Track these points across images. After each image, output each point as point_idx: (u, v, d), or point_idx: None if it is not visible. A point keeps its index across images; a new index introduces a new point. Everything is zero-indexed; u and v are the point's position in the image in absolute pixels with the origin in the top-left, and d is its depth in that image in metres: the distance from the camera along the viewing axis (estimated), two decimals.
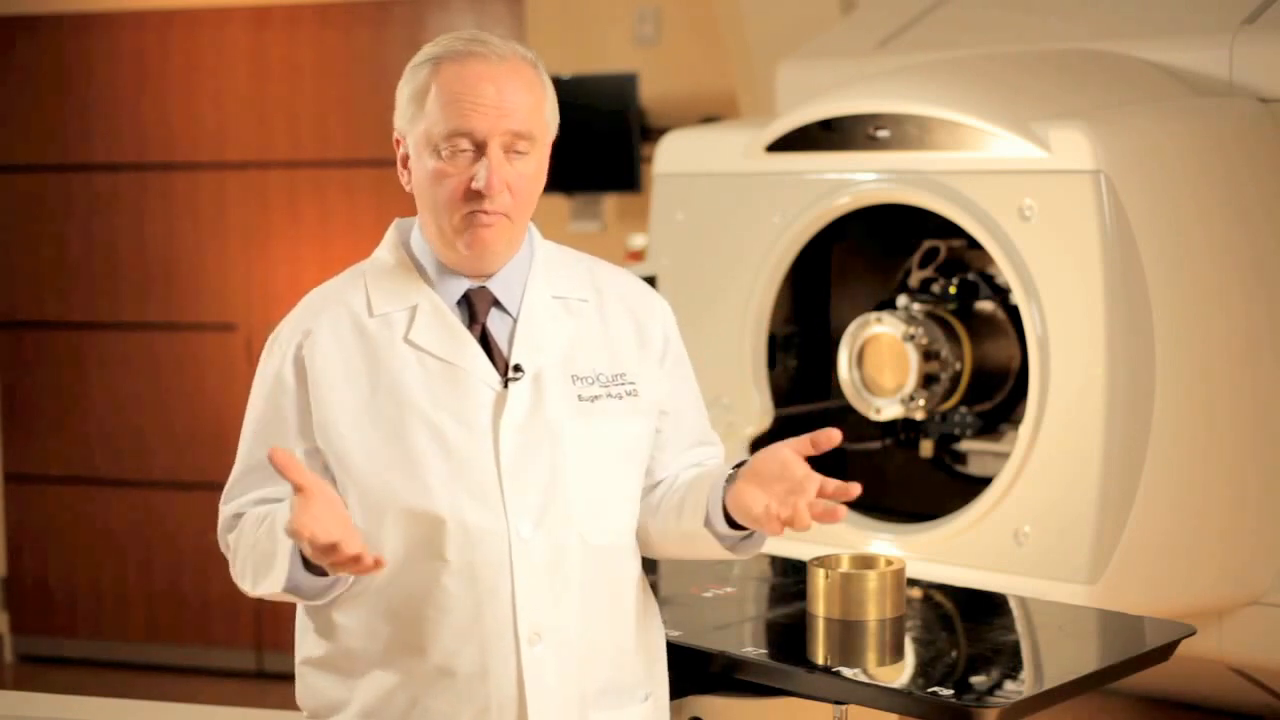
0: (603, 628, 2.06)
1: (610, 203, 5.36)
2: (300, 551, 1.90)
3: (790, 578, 2.80)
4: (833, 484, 1.93)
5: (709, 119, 4.94)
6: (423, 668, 2.00)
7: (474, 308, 2.04)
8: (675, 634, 2.40)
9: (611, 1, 5.35)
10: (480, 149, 1.97)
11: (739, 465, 2.03)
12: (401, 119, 2.04)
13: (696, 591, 2.67)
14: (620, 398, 2.07)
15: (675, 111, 5.14)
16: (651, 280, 3.59)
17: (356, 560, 1.82)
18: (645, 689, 2.13)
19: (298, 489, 1.84)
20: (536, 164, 2.03)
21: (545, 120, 2.03)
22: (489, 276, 2.06)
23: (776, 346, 3.50)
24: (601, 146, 5.13)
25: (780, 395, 3.48)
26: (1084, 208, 2.89)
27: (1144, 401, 2.90)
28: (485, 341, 2.03)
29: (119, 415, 5.87)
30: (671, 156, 3.64)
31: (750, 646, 2.39)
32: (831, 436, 1.91)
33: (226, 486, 2.09)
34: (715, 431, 2.27)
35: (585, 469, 2.03)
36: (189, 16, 5.71)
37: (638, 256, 4.67)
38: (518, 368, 2.02)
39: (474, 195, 1.97)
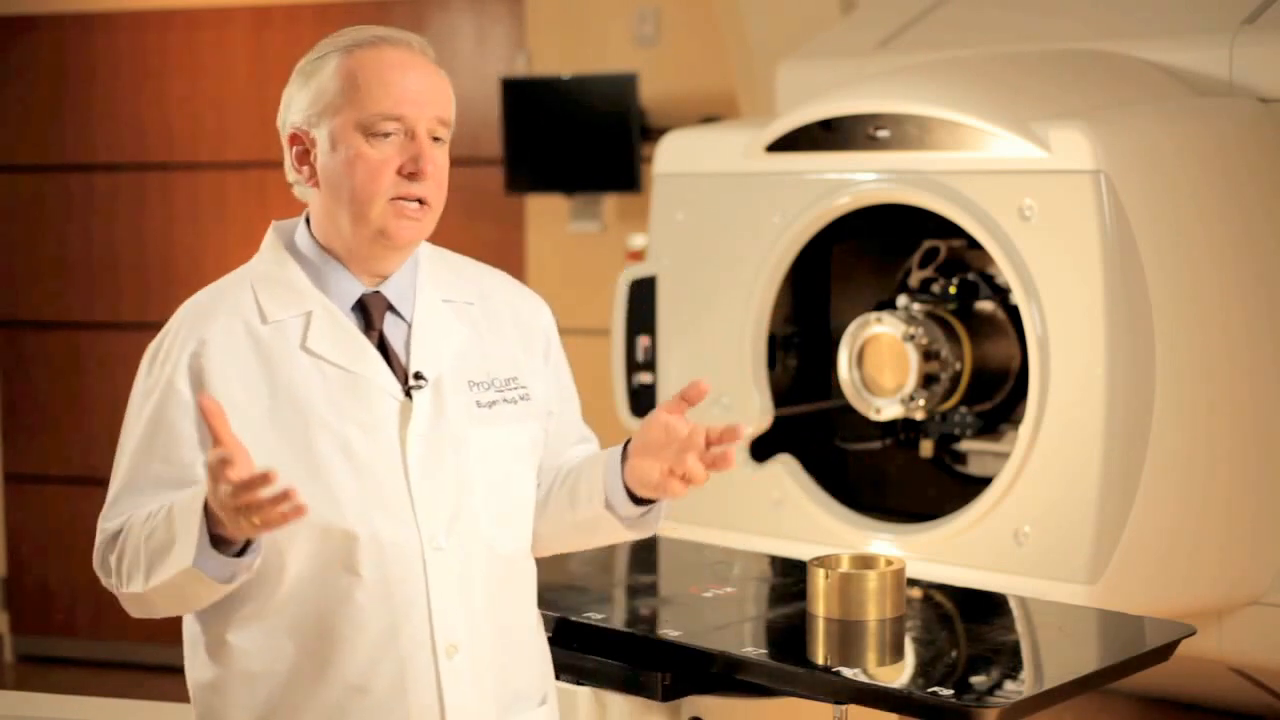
0: (511, 635, 2.05)
1: (610, 203, 5.36)
2: (208, 531, 1.79)
3: (790, 578, 2.80)
4: (717, 429, 1.91)
5: (709, 119, 4.94)
6: (334, 687, 1.93)
7: (369, 313, 2.00)
8: (675, 634, 2.41)
9: (611, 1, 5.35)
10: (410, 135, 1.95)
11: (626, 444, 2.02)
12: (298, 111, 2.03)
13: (696, 591, 2.68)
14: (515, 402, 2.05)
15: (675, 111, 5.14)
16: (652, 280, 3.60)
17: (285, 497, 1.69)
18: (541, 692, 2.12)
19: (218, 440, 1.73)
20: (447, 151, 2.02)
21: (453, 111, 2.03)
22: (383, 280, 2.01)
23: (776, 346, 3.50)
24: (601, 146, 5.13)
25: (780, 395, 3.48)
26: (1084, 208, 2.89)
27: (1144, 402, 2.90)
28: (383, 348, 1.99)
29: (119, 415, 5.82)
30: (671, 156, 3.64)
31: (750, 646, 2.39)
32: (699, 388, 1.91)
33: (106, 506, 2.00)
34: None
35: (489, 477, 2.01)
36: (189, 16, 5.71)
37: (638, 256, 4.67)
38: (419, 375, 1.98)
39: (405, 178, 1.94)
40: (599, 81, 5.11)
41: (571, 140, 5.16)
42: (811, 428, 3.56)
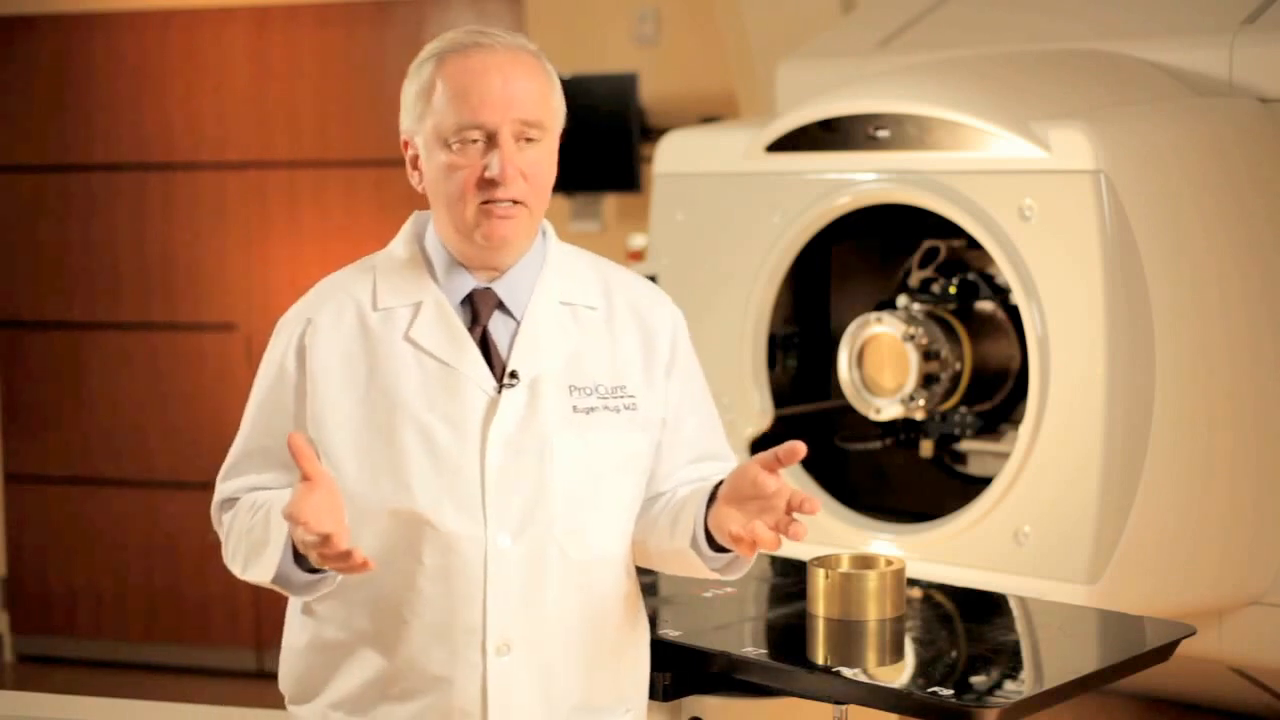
0: (579, 642, 2.04)
1: (610, 203, 5.36)
2: (292, 544, 1.90)
3: (790, 578, 2.80)
4: (798, 498, 1.88)
5: (709, 119, 4.94)
6: (393, 666, 2.00)
7: (477, 309, 2.03)
8: (675, 634, 2.40)
9: (611, 1, 5.35)
10: (491, 139, 1.97)
11: (718, 485, 2.00)
12: (408, 119, 2.04)
13: (696, 591, 2.67)
14: (618, 410, 2.05)
15: (675, 111, 5.14)
16: (652, 280, 3.59)
17: (346, 556, 1.81)
18: (625, 706, 2.11)
19: (305, 477, 1.83)
20: (547, 152, 2.03)
21: (553, 108, 2.04)
22: (499, 274, 2.04)
23: (776, 346, 3.50)
24: (601, 146, 5.13)
25: (780, 395, 3.48)
26: (1084, 208, 2.89)
27: (1144, 401, 2.90)
28: (485, 344, 2.02)
29: (119, 415, 5.87)
30: (671, 156, 3.64)
31: (750, 646, 2.39)
32: (795, 450, 1.87)
33: (225, 465, 2.09)
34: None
35: (573, 482, 2.01)
36: (189, 16, 5.71)
37: (638, 256, 4.67)
38: (514, 374, 2.00)
39: (487, 185, 1.97)
40: (599, 81, 5.11)
41: (571, 140, 5.14)
42: (811, 428, 3.56)
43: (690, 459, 2.15)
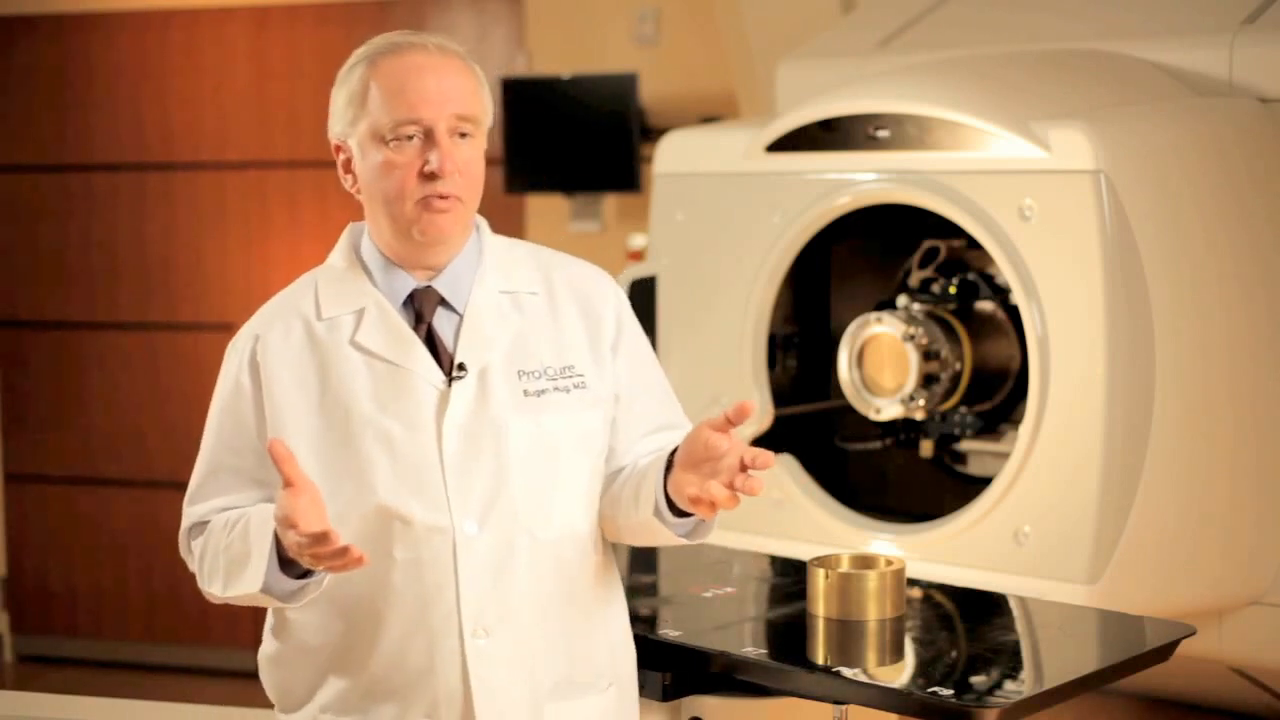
0: (556, 621, 2.08)
1: (610, 203, 5.36)
2: (276, 552, 1.93)
3: (790, 578, 2.80)
4: (750, 453, 1.91)
5: (709, 119, 4.94)
6: (375, 663, 2.03)
7: (420, 308, 2.07)
8: (675, 634, 2.41)
9: (611, 1, 5.35)
10: (428, 136, 2.01)
11: (674, 452, 2.02)
12: (339, 123, 2.07)
13: (696, 591, 2.68)
14: (568, 390, 2.08)
15: (675, 111, 5.14)
16: (651, 280, 3.60)
17: (342, 553, 1.84)
18: (607, 679, 2.14)
19: (288, 483, 1.86)
20: (479, 149, 2.07)
21: (484, 105, 2.08)
22: (436, 273, 2.08)
23: (776, 346, 3.50)
24: (601, 146, 5.13)
25: (780, 395, 3.48)
26: (1084, 208, 2.89)
27: (1144, 401, 2.90)
28: (431, 341, 2.05)
29: (119, 415, 5.87)
30: (671, 156, 3.64)
31: (750, 646, 2.39)
32: (744, 410, 1.90)
33: (190, 490, 2.11)
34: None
35: (531, 464, 2.04)
36: (189, 16, 5.71)
37: (638, 256, 4.67)
38: (461, 366, 2.04)
39: (427, 179, 2.00)
40: (599, 81, 5.11)
41: (571, 140, 5.16)
42: (811, 428, 3.56)
43: (647, 431, 2.17)
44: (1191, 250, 2.98)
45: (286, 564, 1.95)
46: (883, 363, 3.27)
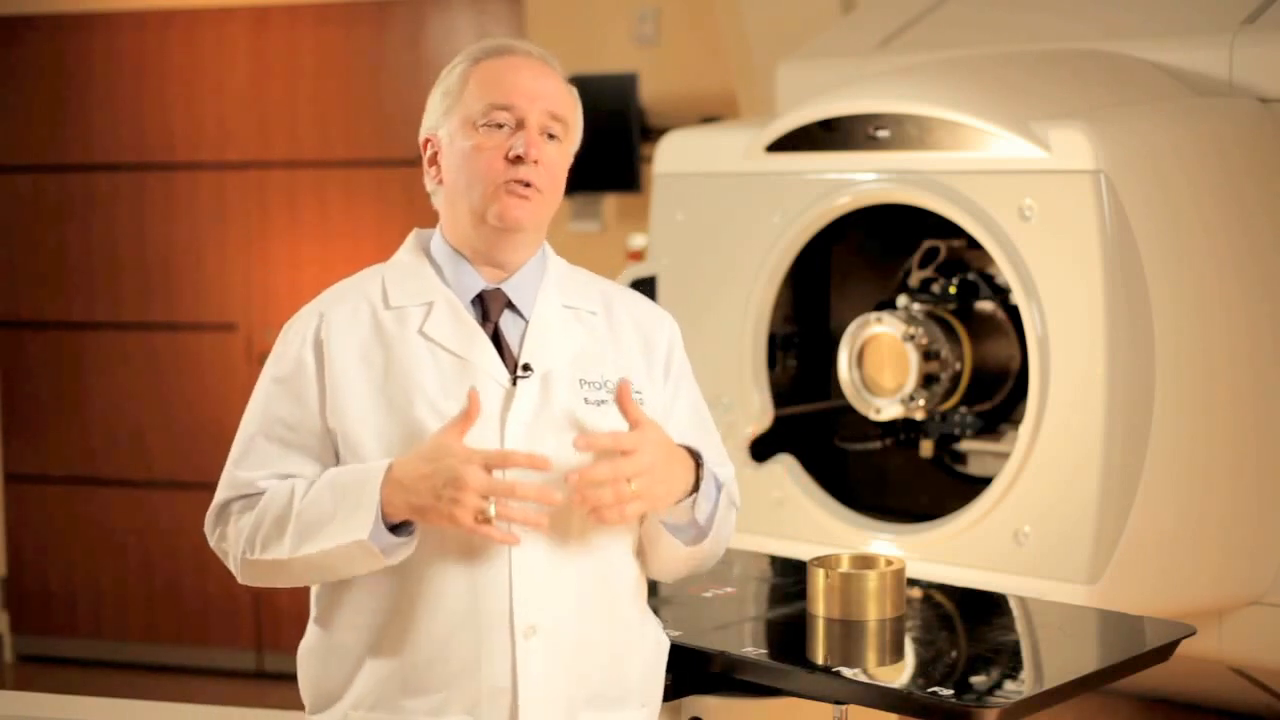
0: (597, 629, 2.07)
1: (610, 203, 5.36)
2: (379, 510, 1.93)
3: (790, 578, 2.80)
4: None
5: (709, 119, 4.94)
6: (416, 656, 2.01)
7: (487, 307, 2.08)
8: (675, 634, 2.40)
9: (611, 1, 5.35)
10: (519, 125, 2.05)
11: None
12: (432, 117, 2.11)
13: (696, 591, 2.67)
14: None
15: (675, 111, 5.14)
16: (651, 280, 3.60)
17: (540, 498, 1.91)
18: (639, 699, 2.14)
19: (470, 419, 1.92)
20: (564, 154, 2.11)
21: (576, 115, 2.14)
22: (505, 276, 2.10)
23: (776, 346, 3.50)
24: (601, 146, 5.12)
25: (780, 395, 3.48)
26: (1084, 208, 2.89)
27: (1144, 401, 2.90)
28: (497, 340, 2.07)
29: (119, 415, 5.87)
30: (671, 156, 3.64)
31: (750, 646, 2.39)
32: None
33: (235, 454, 2.08)
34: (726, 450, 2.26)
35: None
36: (189, 16, 5.71)
37: (638, 256, 4.67)
38: (527, 366, 2.05)
39: (512, 164, 2.03)
40: (599, 81, 5.10)
41: None
42: (811, 428, 3.56)
43: None
44: (1191, 250, 2.98)
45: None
46: (883, 363, 3.27)
